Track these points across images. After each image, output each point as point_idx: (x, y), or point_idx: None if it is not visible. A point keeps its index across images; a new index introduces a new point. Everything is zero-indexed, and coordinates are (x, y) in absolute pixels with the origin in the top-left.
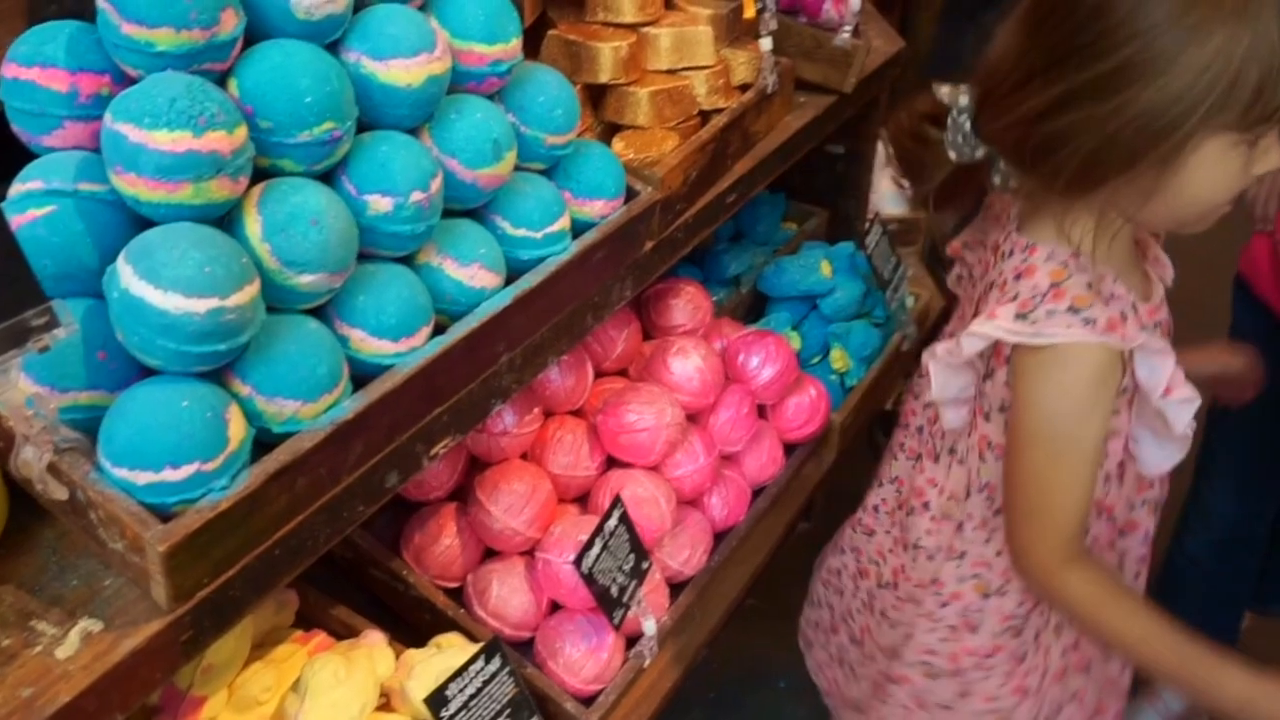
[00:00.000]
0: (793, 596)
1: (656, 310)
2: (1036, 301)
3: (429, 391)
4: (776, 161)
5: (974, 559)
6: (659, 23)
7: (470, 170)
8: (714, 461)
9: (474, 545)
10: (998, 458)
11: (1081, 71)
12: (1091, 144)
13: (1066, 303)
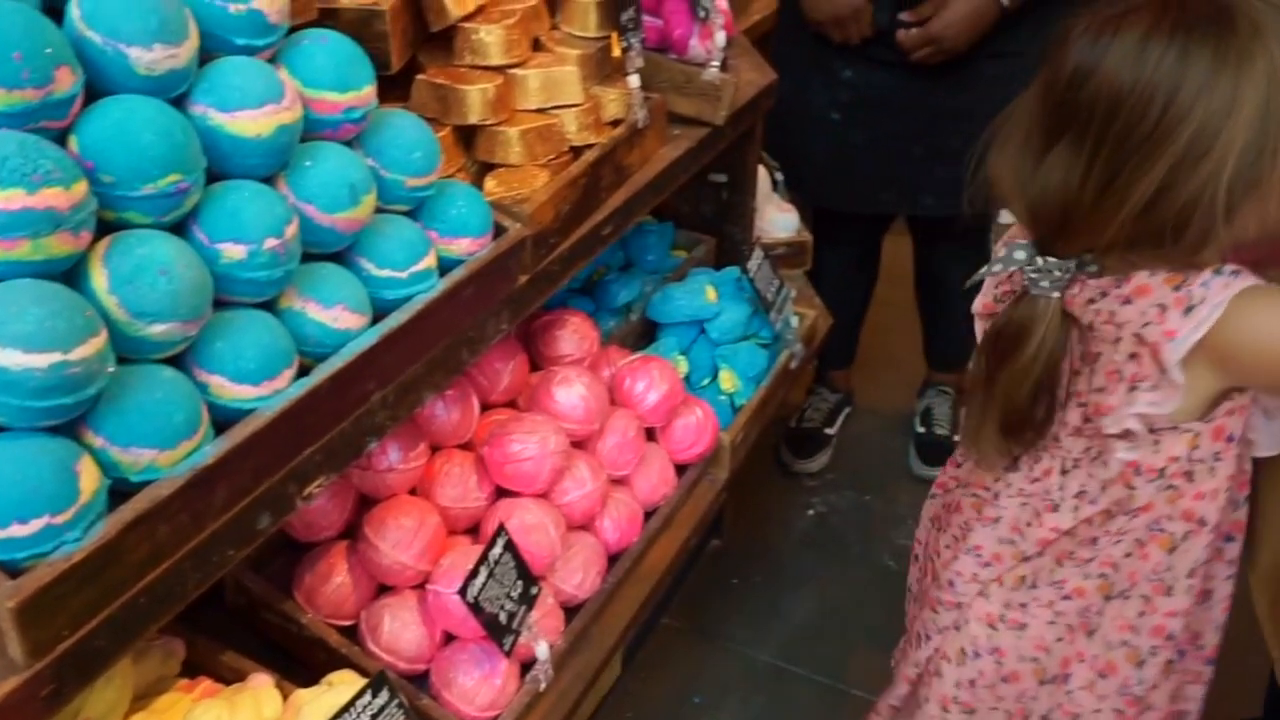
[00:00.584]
0: (708, 613)
1: (544, 341)
2: (1185, 291)
3: (297, 433)
4: (651, 193)
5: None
6: (527, 64)
7: (327, 215)
8: (602, 486)
9: (366, 582)
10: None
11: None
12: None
13: (1203, 275)
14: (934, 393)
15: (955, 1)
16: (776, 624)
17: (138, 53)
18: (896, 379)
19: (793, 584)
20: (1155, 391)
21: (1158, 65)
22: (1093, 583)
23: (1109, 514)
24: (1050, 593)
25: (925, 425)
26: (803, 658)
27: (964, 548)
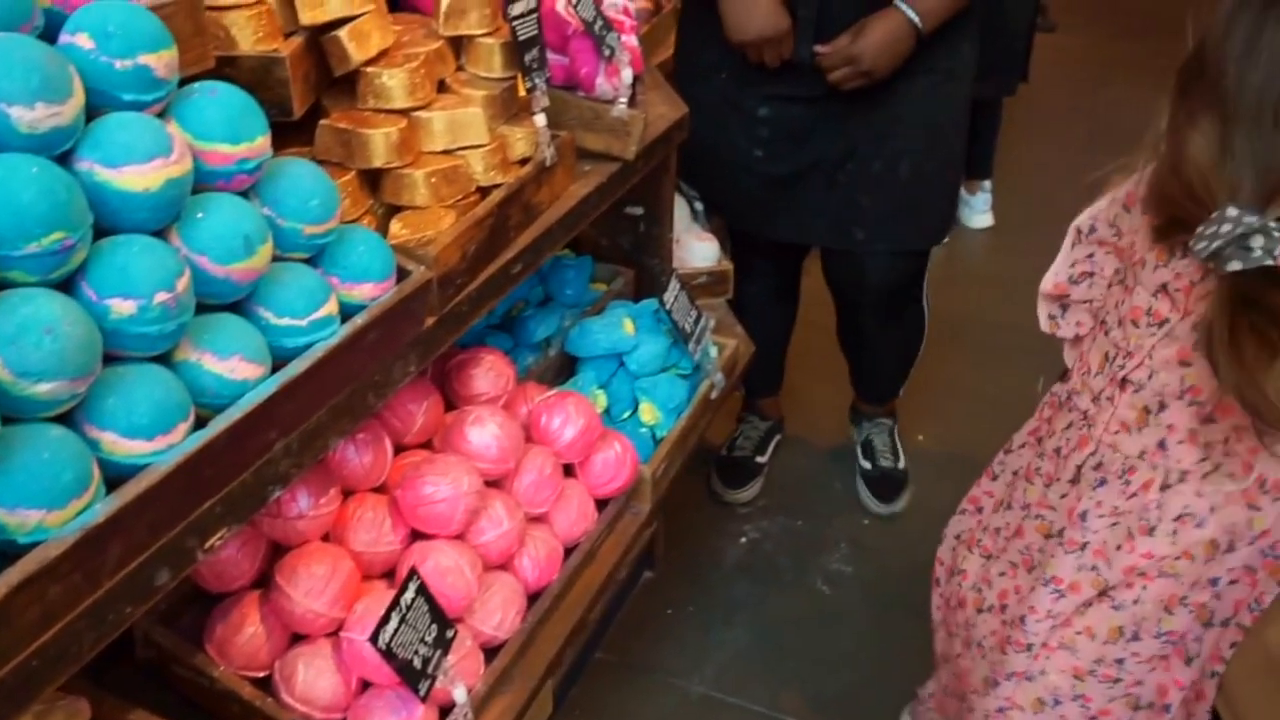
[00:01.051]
0: (640, 647)
1: (459, 380)
2: None
3: (194, 486)
4: (562, 230)
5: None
6: (431, 106)
7: (222, 266)
8: (519, 525)
9: (279, 632)
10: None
11: None
12: None
13: None
14: (870, 425)
15: (872, 27)
16: (710, 653)
17: (19, 111)
18: (824, 402)
19: (726, 612)
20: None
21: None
22: (1191, 614)
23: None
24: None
25: (870, 459)
26: (736, 687)
27: (1041, 578)
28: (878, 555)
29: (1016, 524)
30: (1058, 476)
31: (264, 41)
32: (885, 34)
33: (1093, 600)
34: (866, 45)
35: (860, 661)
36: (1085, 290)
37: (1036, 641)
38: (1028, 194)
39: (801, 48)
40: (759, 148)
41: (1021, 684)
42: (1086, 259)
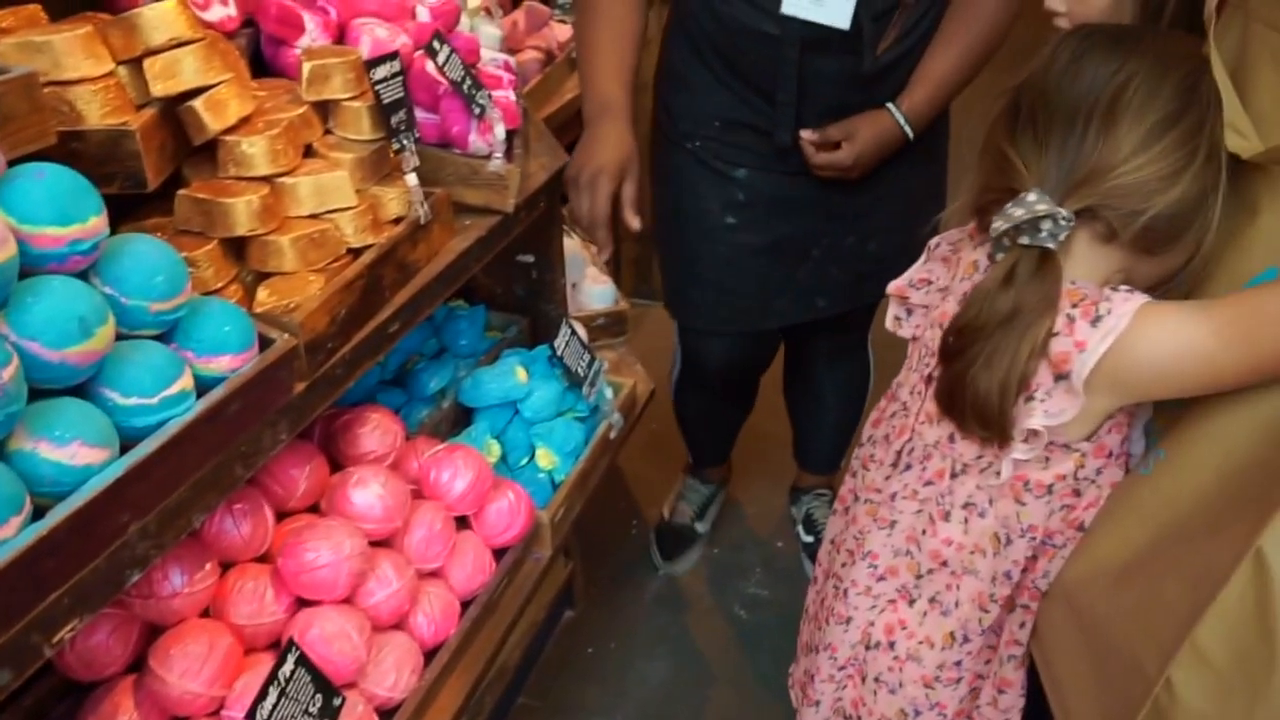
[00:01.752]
0: (563, 689)
1: (345, 441)
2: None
3: (34, 580)
4: (441, 285)
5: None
6: (296, 171)
7: (56, 351)
8: (410, 582)
9: (157, 716)
10: (1037, 496)
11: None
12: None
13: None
14: (810, 498)
15: (862, 130)
16: (632, 689)
17: None
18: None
19: (646, 645)
20: (1050, 400)
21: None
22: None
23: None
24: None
25: (811, 533)
26: (660, 719)
27: (859, 554)
28: (792, 577)
29: (855, 512)
30: (883, 460)
31: (113, 115)
32: (876, 143)
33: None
34: (856, 155)
35: (781, 683)
36: (922, 296)
37: (858, 616)
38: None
39: (781, 133)
40: (732, 214)
41: (884, 695)
42: (927, 269)
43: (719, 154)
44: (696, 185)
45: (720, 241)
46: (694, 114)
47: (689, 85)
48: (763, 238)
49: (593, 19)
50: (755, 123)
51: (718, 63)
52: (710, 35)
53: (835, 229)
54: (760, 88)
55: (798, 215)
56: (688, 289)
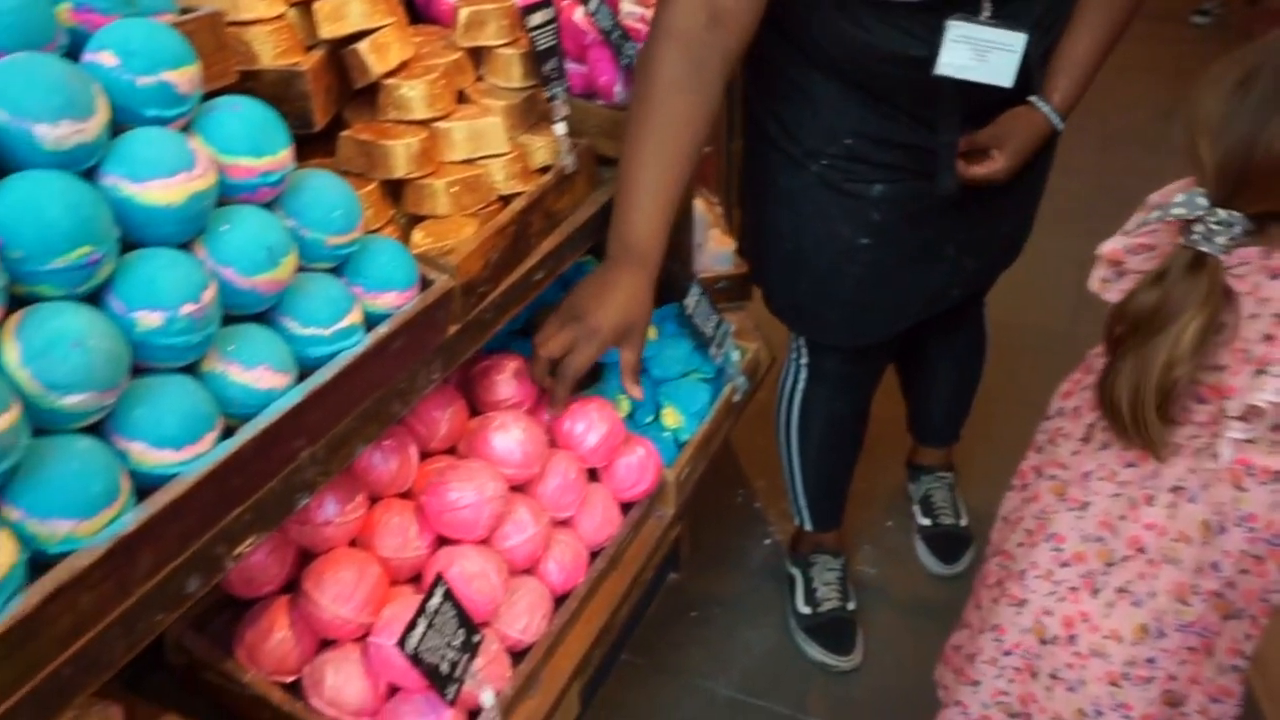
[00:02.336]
0: (667, 649)
1: (483, 386)
2: None
3: (223, 495)
4: (583, 236)
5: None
6: (452, 116)
7: (247, 278)
8: (545, 529)
9: (308, 637)
10: (1261, 482)
11: None
12: None
13: None
14: (929, 479)
15: (1014, 134)
16: (737, 655)
17: (44, 129)
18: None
19: (751, 614)
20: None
21: None
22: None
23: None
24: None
25: (929, 516)
26: (763, 689)
27: (1042, 535)
28: (899, 557)
29: (1035, 489)
30: (1072, 434)
31: (285, 55)
32: (1030, 145)
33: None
34: (1011, 166)
35: (886, 664)
36: (1140, 262)
37: (1034, 601)
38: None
39: (945, 178)
40: (866, 235)
41: (1062, 693)
42: (1149, 233)
43: (850, 173)
44: (825, 209)
45: (854, 263)
46: (820, 131)
47: (812, 100)
48: (900, 250)
49: (647, 114)
50: (894, 138)
51: (846, 80)
52: (834, 58)
53: (969, 222)
54: (900, 106)
55: (934, 219)
56: (818, 308)
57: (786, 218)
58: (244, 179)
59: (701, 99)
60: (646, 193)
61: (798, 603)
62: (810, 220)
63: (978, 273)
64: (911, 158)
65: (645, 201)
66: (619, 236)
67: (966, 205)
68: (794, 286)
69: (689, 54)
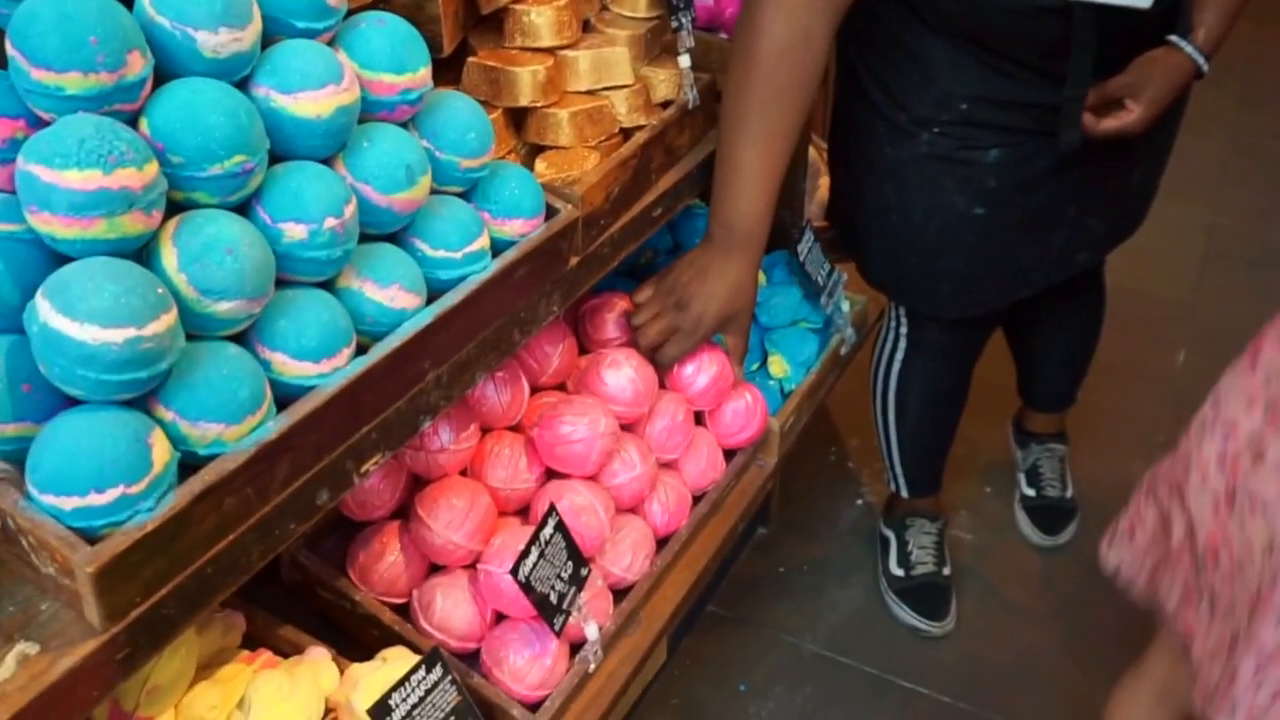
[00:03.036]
0: (753, 602)
1: (592, 324)
2: None
3: (354, 410)
4: (701, 175)
5: None
6: (577, 45)
7: (384, 195)
8: (651, 469)
9: (418, 561)
10: None
11: None
12: None
13: None
14: (1039, 448)
15: (1152, 81)
16: (824, 613)
17: (204, 36)
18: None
19: (840, 573)
20: None
21: None
22: None
23: None
24: None
25: (1034, 486)
26: (850, 647)
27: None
28: (998, 525)
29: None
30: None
31: None
32: (1170, 93)
33: None
34: (1150, 116)
35: (976, 629)
36: None
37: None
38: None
39: (1070, 132)
40: (980, 204)
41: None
42: None
43: (965, 139)
44: (935, 179)
45: (967, 233)
46: (932, 99)
47: (921, 63)
48: (1016, 217)
49: (751, 87)
50: (1015, 97)
51: (962, 38)
52: (951, 14)
53: (1093, 178)
54: (1024, 62)
55: (1054, 180)
56: (927, 283)
57: (892, 189)
58: (385, 95)
59: (810, 70)
60: (751, 172)
61: (890, 564)
62: (919, 191)
63: (1106, 235)
64: (1033, 117)
65: (749, 182)
66: (721, 217)
67: (1090, 162)
68: (901, 260)
69: (796, 20)
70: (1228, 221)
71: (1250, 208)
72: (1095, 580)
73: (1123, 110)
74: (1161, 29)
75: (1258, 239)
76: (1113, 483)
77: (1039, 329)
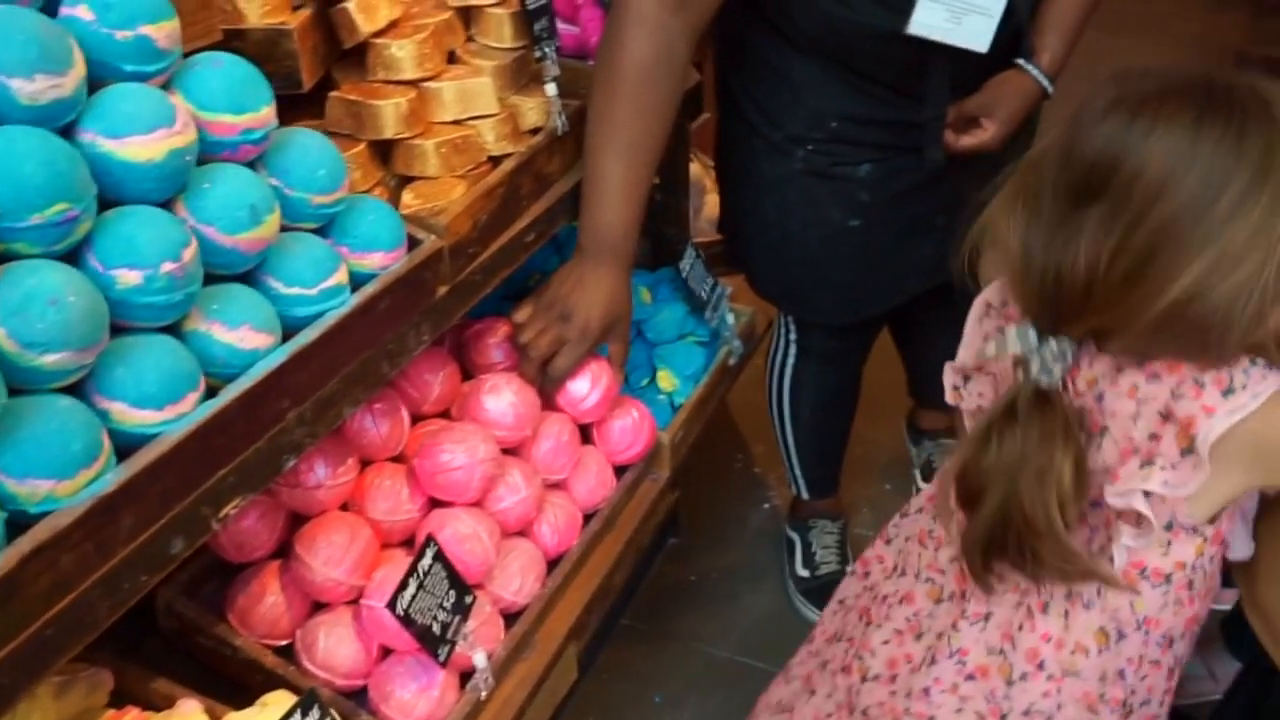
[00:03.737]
0: (666, 613)
1: (475, 350)
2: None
3: (206, 455)
4: (575, 199)
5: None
6: (441, 77)
7: (229, 236)
8: (537, 491)
9: (299, 600)
10: (1155, 585)
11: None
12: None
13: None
14: (931, 445)
15: (1004, 102)
16: (736, 619)
17: (19, 83)
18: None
19: (750, 578)
20: (1173, 471)
21: (1210, 159)
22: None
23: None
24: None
25: (929, 481)
26: (762, 650)
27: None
28: None
29: (906, 589)
30: (948, 540)
31: (271, 14)
32: (1021, 113)
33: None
34: (1003, 135)
35: None
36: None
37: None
38: None
39: (932, 150)
40: (856, 216)
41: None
42: (996, 331)
43: (837, 155)
44: (812, 194)
45: (846, 245)
46: (803, 116)
47: (790, 83)
48: (890, 227)
49: (616, 105)
50: (879, 116)
51: (828, 60)
52: (815, 38)
53: (961, 189)
54: (886, 83)
55: (924, 192)
56: (812, 292)
57: (772, 205)
58: (225, 136)
59: (671, 87)
60: (618, 184)
61: (796, 566)
62: (798, 205)
63: None
64: (898, 134)
65: (617, 196)
66: (592, 230)
67: (956, 175)
68: (783, 271)
69: (657, 39)
70: None
71: None
72: None
73: (978, 128)
74: (1011, 52)
75: None
76: None
77: (921, 331)
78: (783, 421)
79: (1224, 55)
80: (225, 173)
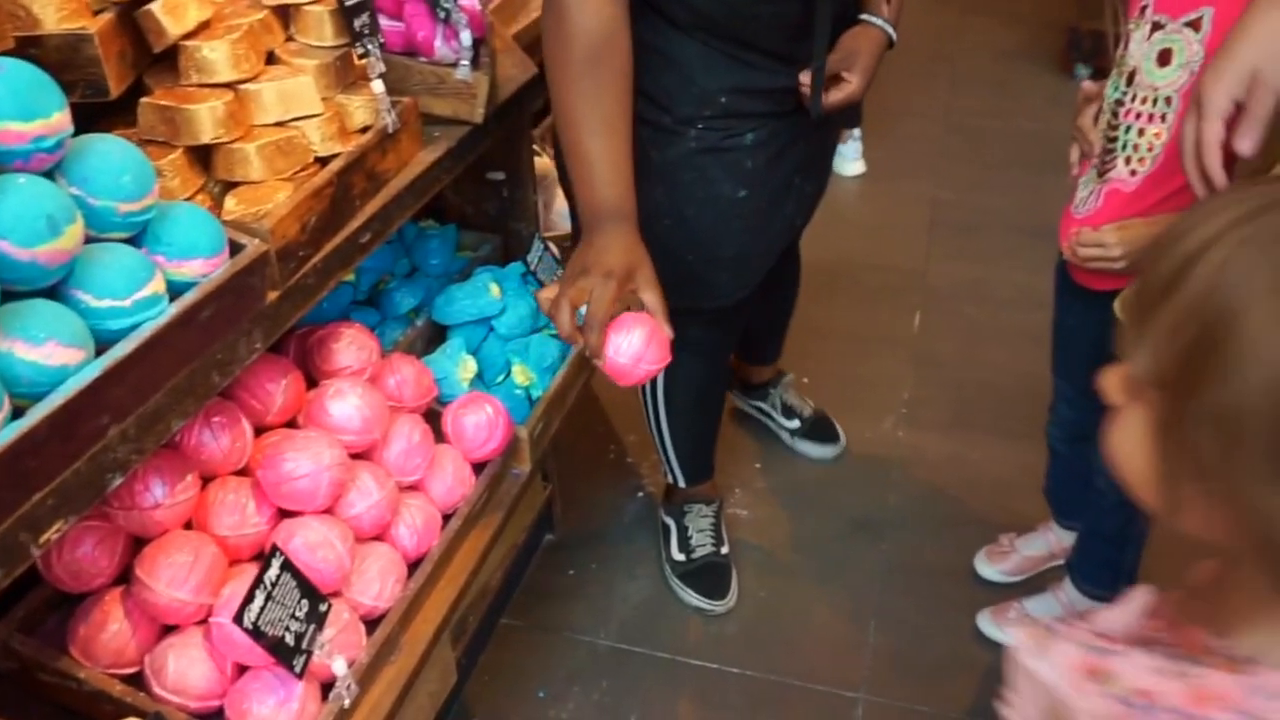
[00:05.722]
0: (546, 608)
1: (320, 356)
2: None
3: (18, 478)
4: (412, 196)
5: None
6: (260, 78)
7: (26, 249)
8: (391, 494)
9: (146, 625)
10: None
11: None
12: None
13: None
14: (776, 390)
15: (860, 53)
16: (615, 608)
17: None
18: None
19: (627, 566)
20: None
21: None
22: None
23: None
24: None
25: (794, 417)
26: (642, 637)
27: None
28: (771, 496)
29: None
30: None
31: (70, 19)
32: (876, 61)
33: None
34: (866, 83)
35: (757, 598)
36: None
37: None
38: (896, 140)
39: (817, 104)
40: (743, 186)
41: None
42: None
43: (726, 129)
44: (705, 172)
45: (735, 217)
46: (693, 96)
47: (676, 64)
48: (769, 192)
49: (574, 84)
50: (760, 85)
51: (712, 34)
52: (701, 12)
53: (811, 147)
54: (766, 50)
55: (790, 153)
56: (707, 275)
57: (663, 193)
58: (16, 145)
59: (625, 54)
60: (604, 162)
61: (672, 550)
62: (690, 187)
63: (812, 198)
64: (777, 100)
65: (606, 171)
66: (590, 209)
67: (815, 134)
68: (678, 260)
69: (600, 11)
70: (948, 194)
71: (966, 180)
72: (858, 535)
73: (843, 82)
74: (855, 9)
75: (974, 206)
76: (868, 438)
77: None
78: (657, 414)
79: (1058, 30)
80: (16, 183)
